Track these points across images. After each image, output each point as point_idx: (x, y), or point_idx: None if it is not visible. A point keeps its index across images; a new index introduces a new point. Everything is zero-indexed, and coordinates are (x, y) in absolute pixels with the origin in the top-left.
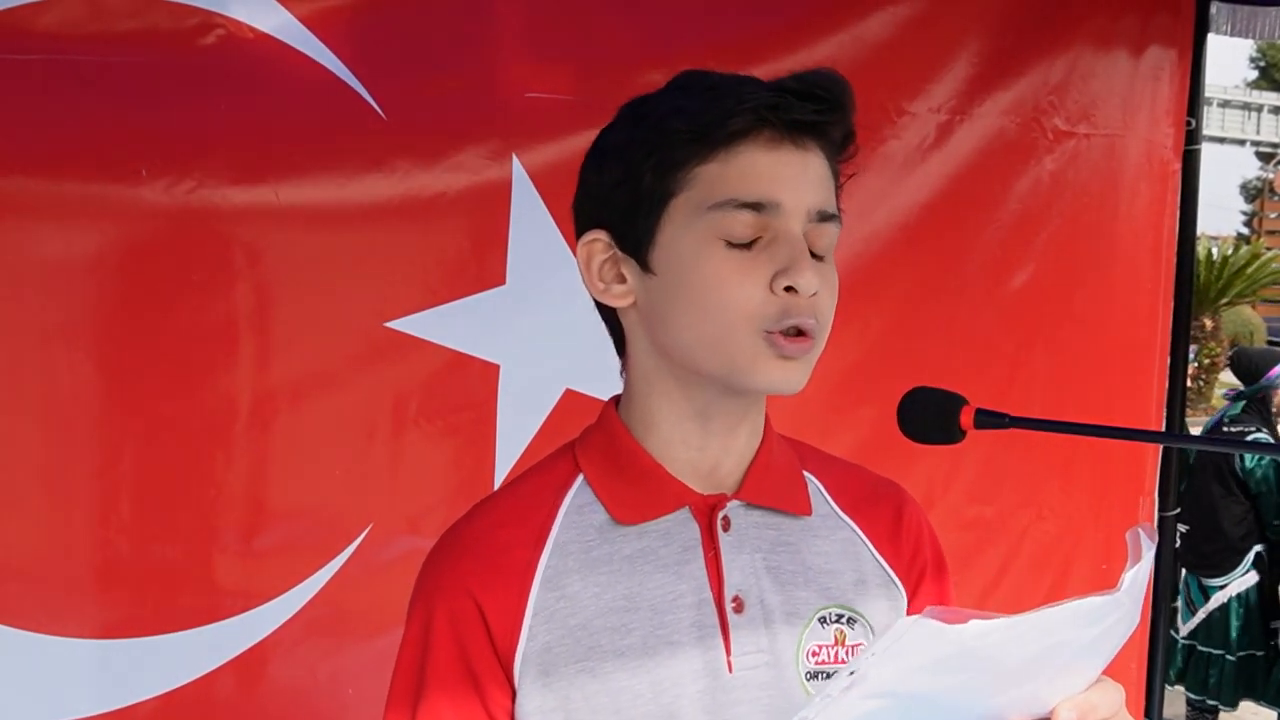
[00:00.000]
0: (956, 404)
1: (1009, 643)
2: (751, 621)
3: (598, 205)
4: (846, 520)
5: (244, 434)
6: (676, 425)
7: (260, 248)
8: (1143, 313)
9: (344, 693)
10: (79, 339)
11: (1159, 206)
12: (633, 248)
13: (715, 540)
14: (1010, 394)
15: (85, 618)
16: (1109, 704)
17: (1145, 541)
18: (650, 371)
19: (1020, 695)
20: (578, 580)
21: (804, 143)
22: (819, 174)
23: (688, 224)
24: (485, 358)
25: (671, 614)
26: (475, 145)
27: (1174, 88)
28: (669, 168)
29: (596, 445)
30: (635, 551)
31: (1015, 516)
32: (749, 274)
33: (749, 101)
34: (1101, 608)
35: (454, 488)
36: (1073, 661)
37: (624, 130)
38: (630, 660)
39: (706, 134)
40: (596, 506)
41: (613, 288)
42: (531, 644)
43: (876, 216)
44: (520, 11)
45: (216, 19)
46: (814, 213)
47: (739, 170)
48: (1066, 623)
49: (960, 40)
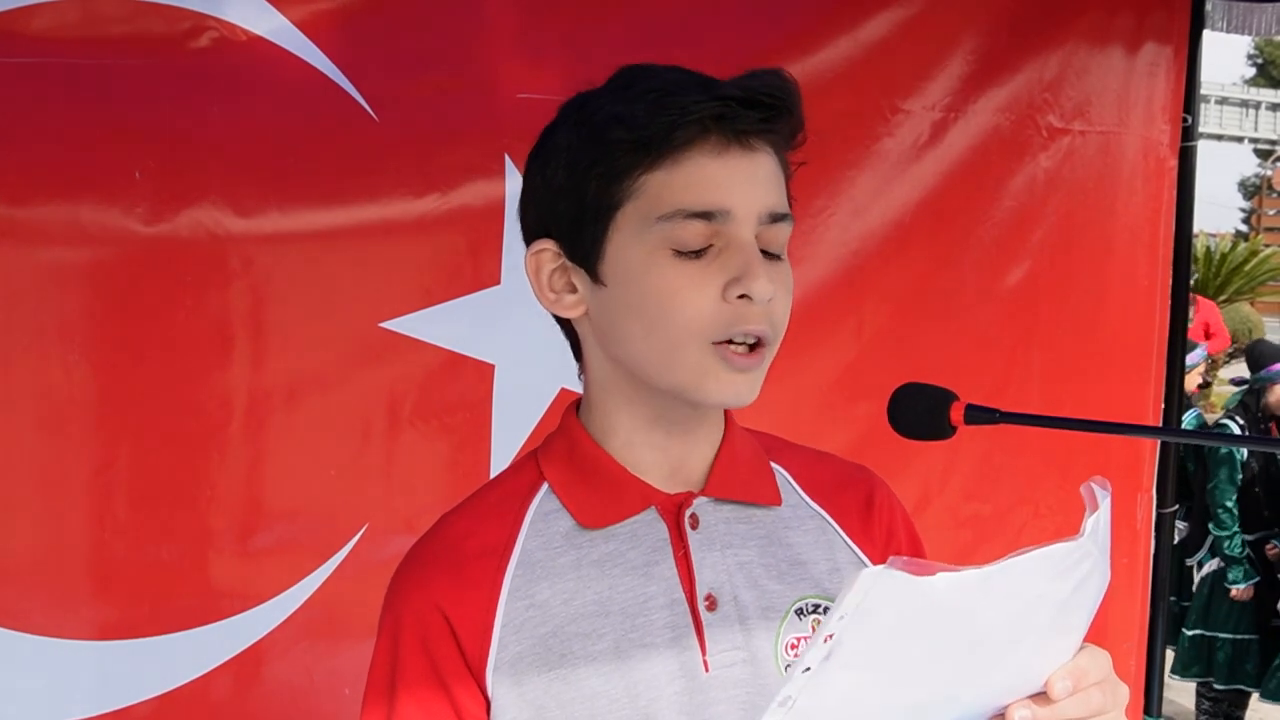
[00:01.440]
0: (947, 400)
1: (982, 599)
2: (725, 619)
3: (544, 214)
4: (817, 509)
5: (240, 435)
6: (635, 430)
7: (254, 249)
8: (1140, 309)
9: (341, 692)
10: (74, 340)
11: (1155, 203)
12: (581, 258)
13: (684, 539)
14: (1006, 391)
15: (82, 619)
16: (1098, 668)
17: (1100, 491)
18: (606, 379)
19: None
20: (546, 588)
21: (751, 144)
22: (768, 174)
23: (636, 235)
24: (480, 357)
25: (643, 616)
26: (468, 146)
27: (1170, 84)
28: (613, 177)
29: (559, 451)
30: (603, 556)
31: (1012, 514)
32: (700, 284)
33: (693, 113)
34: (1068, 555)
35: (449, 487)
36: (1052, 625)
37: (567, 133)
38: (604, 665)
39: (650, 144)
40: (562, 513)
41: (564, 298)
42: (502, 654)
43: (871, 214)
44: (512, 12)
45: (209, 21)
46: (765, 215)
47: (686, 179)
48: (1036, 571)
49: (954, 38)
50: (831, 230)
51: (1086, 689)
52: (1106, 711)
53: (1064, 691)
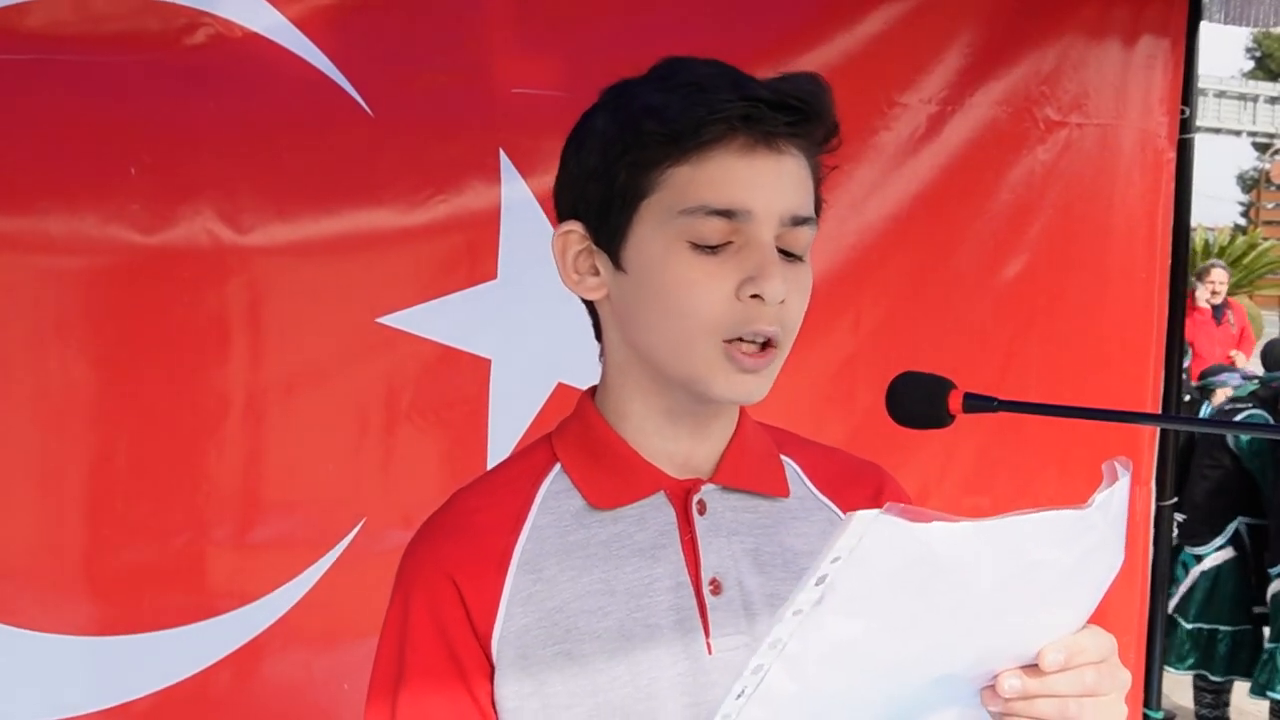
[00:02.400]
0: (945, 388)
1: (979, 553)
2: (730, 604)
3: (574, 196)
4: (825, 501)
5: (237, 430)
6: (649, 417)
7: (251, 244)
8: (1138, 302)
9: (339, 688)
10: (71, 336)
11: (1153, 195)
12: (606, 243)
13: (691, 524)
14: (1004, 383)
15: (80, 615)
16: (1099, 648)
17: (1120, 469)
18: (623, 363)
19: (1004, 638)
20: (554, 564)
21: (780, 146)
22: (795, 177)
23: (658, 226)
24: (477, 352)
25: (648, 597)
26: (464, 140)
27: (1167, 76)
28: (642, 167)
29: (573, 433)
30: (611, 536)
31: (1011, 506)
32: (714, 279)
33: (722, 111)
34: (1073, 524)
35: (447, 481)
36: (1052, 594)
37: (604, 119)
38: (608, 643)
39: (679, 138)
40: (573, 492)
41: (586, 279)
42: (509, 626)
43: (868, 208)
44: (507, 7)
45: (204, 18)
46: (787, 217)
47: (710, 175)
48: (1037, 535)
49: (951, 31)
50: (829, 224)
51: (1080, 666)
52: (1102, 693)
53: (1055, 664)
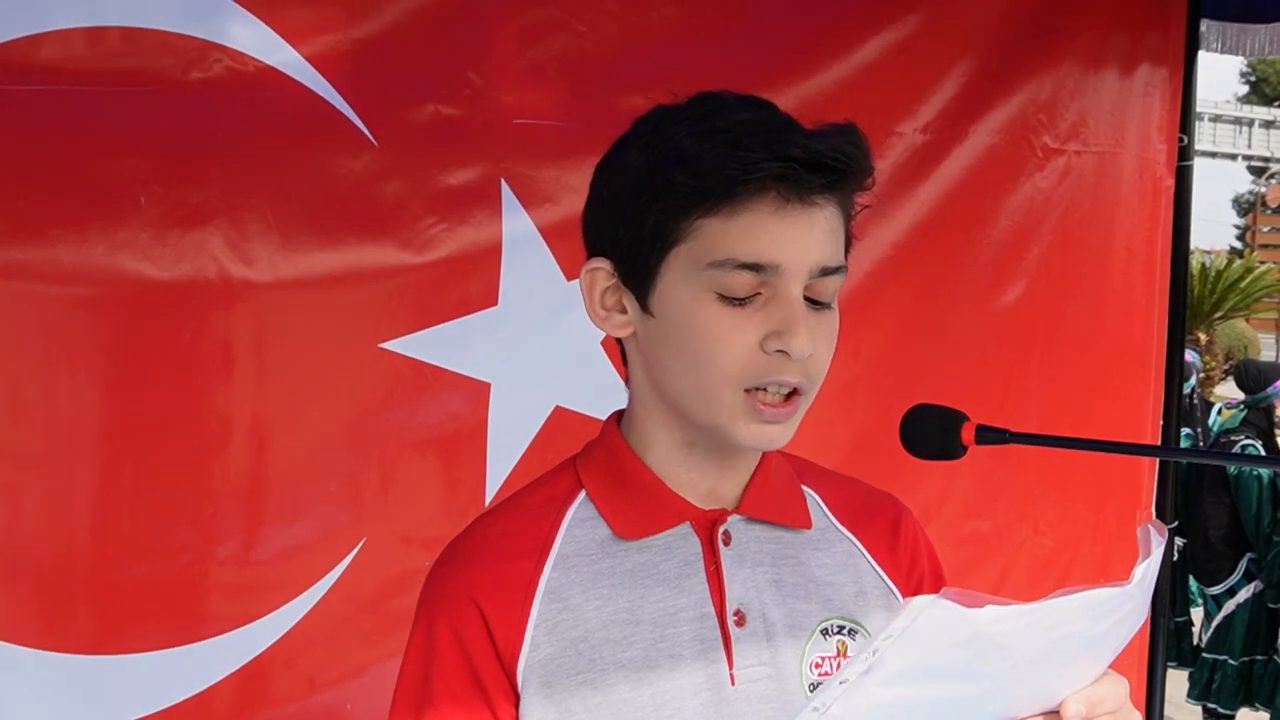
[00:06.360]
0: (958, 420)
1: (1022, 631)
2: (753, 635)
3: (603, 232)
4: (845, 533)
5: (240, 453)
6: (674, 449)
7: (257, 271)
8: (1137, 327)
9: (341, 707)
10: (79, 359)
11: (1152, 222)
12: (633, 284)
13: (716, 555)
14: (1004, 409)
15: (81, 634)
16: (1116, 697)
17: (1155, 537)
18: (648, 398)
19: (1029, 689)
20: (579, 593)
21: (814, 199)
22: (826, 228)
23: (686, 275)
24: (477, 377)
25: (673, 628)
26: (465, 170)
27: (1165, 104)
28: (672, 215)
29: (598, 461)
30: (636, 566)
31: (1011, 531)
32: (740, 331)
33: (756, 172)
34: (1113, 599)
35: (446, 504)
36: (1081, 654)
37: (637, 154)
38: (632, 673)
39: (711, 192)
40: (598, 521)
41: (614, 317)
42: (534, 654)
43: (868, 236)
44: (510, 39)
45: (214, 51)
46: (816, 269)
47: (741, 230)
48: (1079, 614)
49: (948, 61)
50: None
51: (1099, 717)
52: None
53: (1076, 716)
